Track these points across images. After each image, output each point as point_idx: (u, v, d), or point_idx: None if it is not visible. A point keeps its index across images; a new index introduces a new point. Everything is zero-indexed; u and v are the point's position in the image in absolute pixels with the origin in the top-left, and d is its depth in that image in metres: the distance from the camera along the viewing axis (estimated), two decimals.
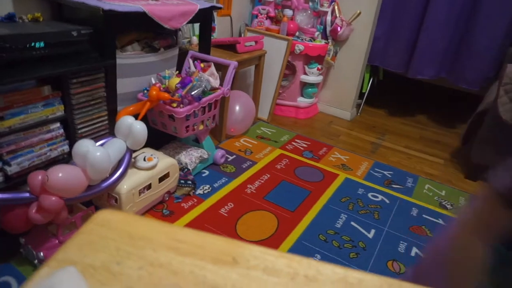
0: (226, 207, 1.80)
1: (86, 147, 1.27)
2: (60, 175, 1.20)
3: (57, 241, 1.33)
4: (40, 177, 1.20)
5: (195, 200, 1.82)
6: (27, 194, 1.21)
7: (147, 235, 0.39)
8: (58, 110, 1.39)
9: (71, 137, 1.47)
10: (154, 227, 0.41)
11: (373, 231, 1.78)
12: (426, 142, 2.87)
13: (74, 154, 1.28)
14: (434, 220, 1.92)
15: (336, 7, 2.67)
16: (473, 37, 2.62)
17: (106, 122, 1.58)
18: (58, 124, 1.41)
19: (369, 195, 2.08)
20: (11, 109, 1.24)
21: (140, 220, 0.41)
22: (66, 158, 1.47)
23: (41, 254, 1.29)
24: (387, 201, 2.03)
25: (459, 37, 2.68)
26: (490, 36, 2.54)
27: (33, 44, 1.27)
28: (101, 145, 1.41)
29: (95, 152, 1.27)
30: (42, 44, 1.28)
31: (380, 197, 2.07)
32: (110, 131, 1.60)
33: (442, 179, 2.35)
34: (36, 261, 1.31)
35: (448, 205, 2.08)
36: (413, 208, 2.01)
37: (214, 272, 0.36)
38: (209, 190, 1.91)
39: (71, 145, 1.45)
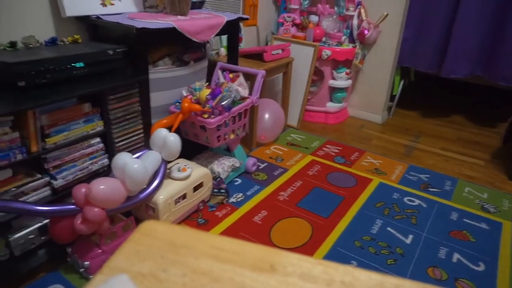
0: (259, 214, 1.82)
1: (124, 160, 1.34)
2: (102, 187, 1.26)
3: (100, 251, 1.39)
4: (83, 189, 1.27)
5: (229, 208, 1.85)
6: (72, 206, 1.28)
7: (188, 243, 0.41)
8: (98, 125, 1.47)
9: (110, 150, 1.55)
10: (194, 236, 0.43)
11: (411, 236, 1.73)
12: (464, 143, 2.76)
13: (113, 167, 1.35)
14: (476, 224, 1.84)
15: (362, 10, 2.65)
16: (508, 31, 2.50)
17: (142, 135, 1.65)
18: (98, 139, 1.49)
19: (405, 199, 2.02)
20: (56, 127, 1.33)
21: (182, 229, 0.44)
22: (106, 171, 1.54)
23: (86, 263, 1.35)
24: (424, 205, 1.97)
25: (493, 32, 2.57)
26: None
27: (73, 64, 1.35)
28: (138, 157, 1.47)
29: (133, 164, 1.33)
30: (81, 64, 1.36)
31: (417, 201, 2.01)
32: (145, 144, 1.67)
33: (483, 181, 2.25)
34: (81, 270, 1.38)
35: (491, 208, 1.98)
36: (453, 212, 1.93)
37: (252, 279, 0.37)
38: (242, 198, 1.94)
39: (110, 159, 1.53)
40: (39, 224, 1.41)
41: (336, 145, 2.61)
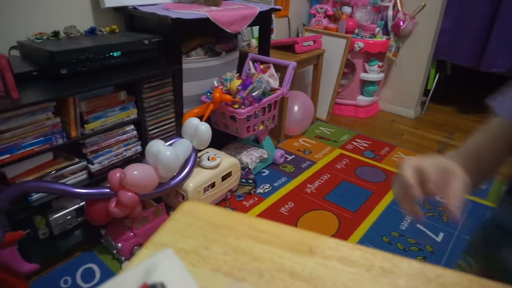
0: (286, 206, 1.82)
1: (157, 147, 1.37)
2: (136, 172, 1.30)
3: (131, 234, 1.45)
4: (118, 174, 1.32)
5: (256, 198, 1.87)
6: (107, 190, 1.34)
7: (228, 224, 0.43)
8: (132, 113, 1.51)
9: (143, 138, 1.59)
10: (234, 217, 0.44)
11: (441, 234, 1.69)
12: None
13: (147, 153, 1.39)
14: None
15: (398, 1, 2.57)
16: None
17: (174, 123, 1.68)
18: (132, 126, 1.54)
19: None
20: (94, 113, 1.38)
21: (221, 210, 0.45)
22: (139, 158, 1.59)
23: (119, 245, 1.41)
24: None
25: None
26: None
27: (111, 53, 1.40)
28: (170, 145, 1.51)
29: (165, 151, 1.36)
30: (119, 53, 1.40)
31: None
32: (177, 132, 1.71)
33: None
34: (114, 251, 1.44)
35: None
36: (488, 212, 1.86)
37: (292, 260, 0.38)
38: (269, 189, 1.95)
39: (143, 146, 1.57)
40: (76, 206, 1.48)
41: (366, 139, 2.56)
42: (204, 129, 1.55)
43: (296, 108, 2.41)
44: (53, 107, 1.26)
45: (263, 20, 1.93)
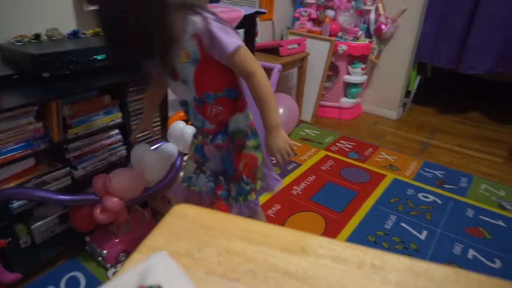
0: (273, 208, 1.83)
1: (142, 151, 1.36)
2: (121, 177, 1.29)
3: (117, 240, 1.42)
4: (103, 180, 1.30)
5: None
6: (92, 196, 1.31)
7: (220, 226, 0.43)
8: (117, 117, 1.49)
9: (128, 142, 1.57)
10: (225, 219, 0.44)
11: (425, 232, 1.72)
12: (482, 141, 2.72)
13: (132, 158, 1.37)
14: (493, 222, 1.82)
15: (380, 5, 2.62)
16: None
17: (159, 127, 1.67)
18: (117, 131, 1.52)
19: (420, 195, 2.01)
20: (78, 118, 1.36)
21: (212, 213, 0.45)
22: (124, 162, 1.57)
23: (104, 251, 1.39)
24: (440, 202, 1.96)
25: None
26: None
27: (95, 56, 1.38)
28: (155, 149, 1.50)
29: (151, 156, 1.35)
30: (103, 56, 1.38)
31: (432, 197, 2.00)
32: (163, 136, 1.69)
33: (501, 178, 2.22)
34: (99, 258, 1.41)
35: (508, 206, 1.96)
36: (468, 209, 1.91)
37: (284, 260, 0.38)
38: None
39: (128, 150, 1.55)
40: (59, 213, 1.45)
41: (350, 141, 2.60)
42: (190, 132, 1.54)
43: (281, 110, 2.43)
44: (35, 112, 1.24)
45: (248, 24, 1.94)
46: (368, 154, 2.43)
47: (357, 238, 1.66)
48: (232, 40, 0.92)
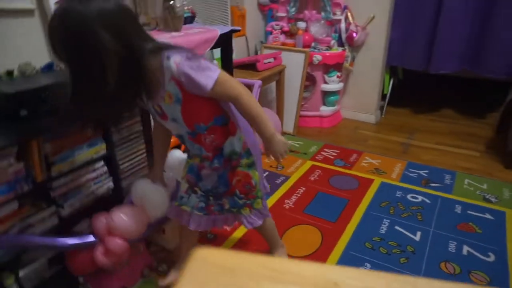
0: None
1: (143, 189, 1.28)
2: (123, 216, 1.22)
3: (113, 277, 1.36)
4: (104, 219, 1.24)
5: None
6: (92, 238, 1.24)
7: (246, 268, 0.41)
8: (101, 148, 1.45)
9: (114, 173, 1.52)
10: (250, 260, 0.43)
11: (419, 233, 1.75)
12: (458, 136, 2.81)
13: (133, 195, 1.29)
14: (481, 215, 1.87)
15: (349, 14, 2.70)
16: (493, 25, 2.58)
17: (145, 155, 1.63)
18: (102, 163, 1.47)
19: (408, 196, 2.04)
20: (60, 154, 1.30)
21: (235, 254, 0.43)
22: (112, 195, 1.52)
23: None
24: (428, 201, 2.00)
25: (478, 27, 2.64)
26: (510, 21, 2.50)
27: None
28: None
29: (153, 193, 1.28)
30: None
31: (420, 197, 2.03)
32: (149, 163, 1.65)
33: (481, 172, 2.29)
34: None
35: (492, 198, 2.02)
36: (456, 205, 1.96)
37: None
38: None
39: (115, 181, 1.51)
40: (49, 256, 1.38)
41: (334, 148, 2.62)
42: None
43: None
44: (15, 152, 1.18)
45: (225, 42, 1.94)
46: (353, 160, 2.46)
47: (355, 246, 1.66)
48: (207, 76, 0.96)
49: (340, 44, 2.79)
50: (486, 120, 3.12)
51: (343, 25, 2.71)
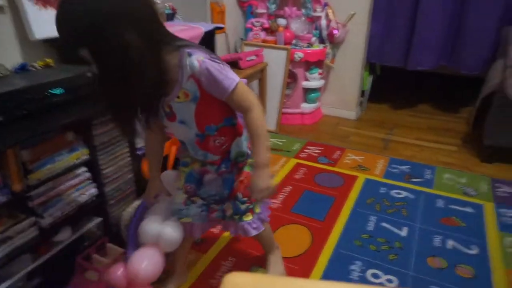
0: None
1: (156, 227, 1.19)
2: (147, 265, 1.15)
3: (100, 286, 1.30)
4: (121, 271, 1.17)
5: None
6: None
7: None
8: (83, 154, 1.37)
9: (97, 179, 1.45)
10: (280, 283, 0.40)
11: (405, 229, 1.78)
12: (435, 131, 2.89)
13: (145, 236, 1.20)
14: (462, 209, 1.92)
15: (329, 11, 2.69)
16: (469, 21, 2.65)
17: (129, 159, 1.56)
18: (84, 168, 1.39)
19: (392, 192, 2.08)
20: (39, 161, 1.22)
21: (265, 278, 0.40)
22: (95, 201, 1.44)
23: None
24: (412, 196, 2.04)
25: (455, 24, 2.71)
26: (485, 18, 2.58)
27: (51, 91, 1.25)
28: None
29: (168, 230, 1.19)
30: (61, 90, 1.26)
31: (404, 193, 2.07)
32: (133, 167, 1.58)
33: (459, 166, 2.36)
34: None
35: (471, 191, 2.08)
36: (438, 200, 2.01)
37: None
38: None
39: (98, 187, 1.43)
40: (29, 269, 1.29)
41: (317, 146, 2.63)
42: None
43: None
44: None
45: (208, 40, 1.89)
46: (336, 157, 2.48)
47: (344, 244, 1.66)
48: (229, 79, 0.94)
49: (321, 41, 2.79)
50: (461, 115, 3.22)
51: (323, 22, 2.71)
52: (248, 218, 1.21)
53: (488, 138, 2.33)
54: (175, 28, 1.75)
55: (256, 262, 1.56)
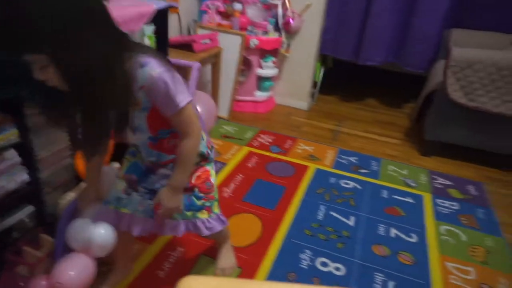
0: None
1: (87, 230, 1.07)
2: (73, 273, 1.03)
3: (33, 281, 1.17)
4: (44, 283, 1.06)
5: None
6: None
7: None
8: (11, 135, 1.21)
9: (29, 163, 1.30)
10: (232, 285, 0.36)
11: (352, 218, 1.83)
12: (381, 125, 3.01)
13: (73, 240, 1.08)
14: (404, 199, 2.03)
15: (286, 0, 2.67)
16: (416, 22, 2.78)
17: (69, 143, 1.42)
18: (13, 151, 1.24)
19: (341, 182, 2.13)
20: None
21: (218, 280, 0.36)
22: (27, 188, 1.30)
23: None
24: (359, 187, 2.10)
25: (404, 23, 2.83)
26: (431, 21, 2.72)
27: None
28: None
29: (101, 233, 1.08)
30: None
31: (351, 183, 2.13)
32: (73, 152, 1.45)
33: (402, 158, 2.49)
34: None
35: (412, 183, 2.20)
36: (383, 190, 2.10)
37: None
38: None
39: (30, 174, 1.29)
40: None
41: (269, 135, 2.62)
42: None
43: (199, 109, 2.31)
44: None
45: (160, 19, 1.77)
46: (288, 146, 2.49)
47: (295, 234, 1.68)
48: (182, 94, 0.91)
49: (277, 29, 2.76)
50: (404, 110, 3.39)
51: (280, 10, 2.68)
52: (203, 215, 1.15)
53: (428, 133, 2.48)
54: (122, 3, 1.61)
55: (205, 253, 1.52)
